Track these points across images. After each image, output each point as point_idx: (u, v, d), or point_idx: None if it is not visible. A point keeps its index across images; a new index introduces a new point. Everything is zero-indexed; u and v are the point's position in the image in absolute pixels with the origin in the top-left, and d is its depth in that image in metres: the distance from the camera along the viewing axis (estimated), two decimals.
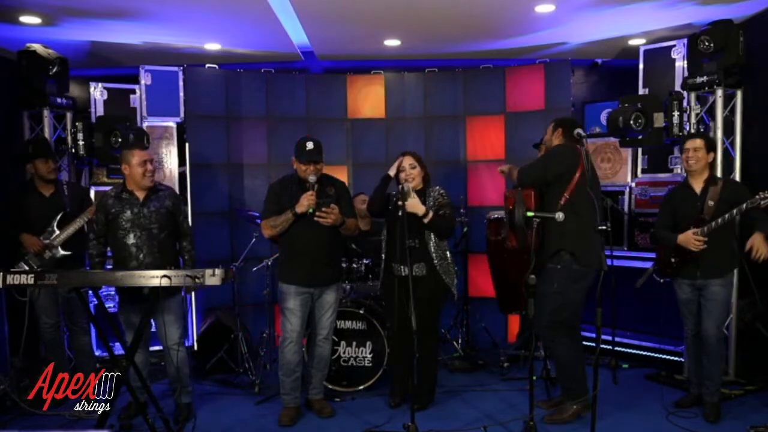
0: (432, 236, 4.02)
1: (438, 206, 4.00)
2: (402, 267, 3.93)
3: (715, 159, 4.11)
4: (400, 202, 3.81)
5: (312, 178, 3.86)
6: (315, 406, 4.12)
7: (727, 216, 3.74)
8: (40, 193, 4.38)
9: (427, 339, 3.94)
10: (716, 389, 3.94)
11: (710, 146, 4.00)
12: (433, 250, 4.02)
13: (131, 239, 3.84)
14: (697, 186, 3.97)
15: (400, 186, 3.92)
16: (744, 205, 3.69)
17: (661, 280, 4.18)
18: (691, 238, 3.83)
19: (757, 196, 3.66)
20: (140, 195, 3.91)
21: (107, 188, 5.13)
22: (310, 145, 3.93)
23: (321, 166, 3.97)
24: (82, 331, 4.45)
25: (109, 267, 4.07)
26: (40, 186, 4.39)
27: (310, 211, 3.80)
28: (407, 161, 4.05)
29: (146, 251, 3.85)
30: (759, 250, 3.68)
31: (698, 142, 3.98)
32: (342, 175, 6.06)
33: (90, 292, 4.19)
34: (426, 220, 3.91)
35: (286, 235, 3.95)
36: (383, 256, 4.16)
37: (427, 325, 3.91)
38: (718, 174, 4.42)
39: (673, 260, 3.98)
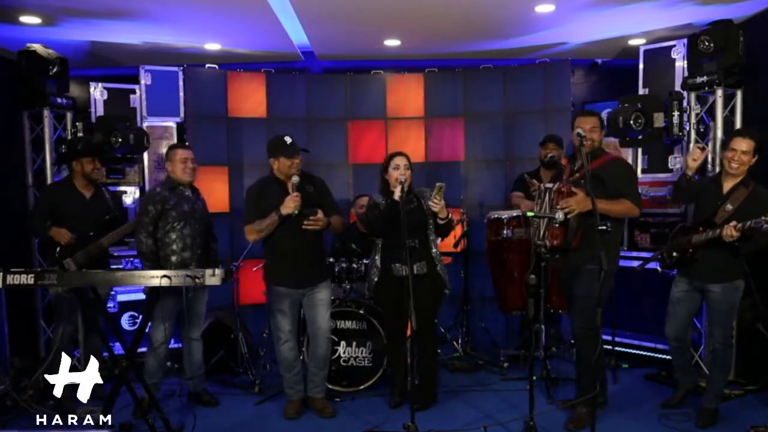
0: (432, 236, 4.03)
1: None
2: (403, 267, 3.92)
3: (757, 162, 3.71)
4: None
5: (296, 180, 3.86)
6: (316, 405, 4.12)
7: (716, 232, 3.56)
8: (82, 194, 4.36)
9: (427, 339, 3.94)
10: (715, 395, 3.81)
11: (758, 149, 3.65)
12: (434, 249, 4.03)
13: (188, 230, 4.01)
14: (727, 185, 3.73)
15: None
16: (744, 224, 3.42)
17: (660, 270, 4.14)
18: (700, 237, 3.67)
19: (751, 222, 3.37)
20: (187, 191, 4.10)
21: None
22: (288, 139, 3.92)
23: (300, 160, 3.96)
24: (95, 331, 4.43)
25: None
26: (82, 186, 4.37)
27: (296, 212, 3.80)
28: (402, 161, 4.00)
29: (199, 242, 4.08)
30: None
31: (748, 145, 3.62)
32: (342, 175, 6.08)
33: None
34: (443, 222, 3.94)
35: (271, 238, 3.95)
36: (377, 256, 4.12)
37: (427, 325, 3.91)
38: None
39: (675, 254, 3.91)
